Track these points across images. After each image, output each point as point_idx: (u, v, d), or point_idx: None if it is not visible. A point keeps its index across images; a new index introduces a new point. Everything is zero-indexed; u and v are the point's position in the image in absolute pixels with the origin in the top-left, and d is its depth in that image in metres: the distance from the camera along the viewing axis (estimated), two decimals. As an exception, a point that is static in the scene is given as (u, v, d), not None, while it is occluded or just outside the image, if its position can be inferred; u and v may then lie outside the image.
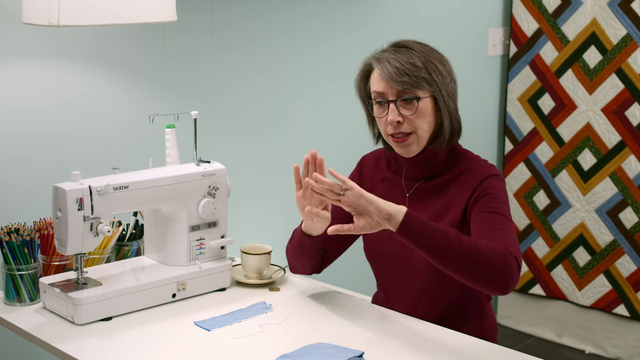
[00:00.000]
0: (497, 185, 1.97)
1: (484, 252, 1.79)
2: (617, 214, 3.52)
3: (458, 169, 2.02)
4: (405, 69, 1.92)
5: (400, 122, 1.95)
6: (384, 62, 1.95)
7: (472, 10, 3.61)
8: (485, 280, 1.81)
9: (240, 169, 2.82)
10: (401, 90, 1.94)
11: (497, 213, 1.91)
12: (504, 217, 1.91)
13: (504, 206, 1.94)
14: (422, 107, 1.95)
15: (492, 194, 1.95)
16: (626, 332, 3.57)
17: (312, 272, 2.14)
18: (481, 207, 1.93)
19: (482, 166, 2.01)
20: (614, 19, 3.43)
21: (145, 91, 2.57)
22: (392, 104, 1.95)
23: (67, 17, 1.95)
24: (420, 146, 1.99)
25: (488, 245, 1.80)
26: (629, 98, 3.43)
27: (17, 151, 2.31)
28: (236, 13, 2.76)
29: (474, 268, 1.79)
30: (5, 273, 2.08)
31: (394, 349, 1.85)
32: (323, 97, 3.08)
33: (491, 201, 1.93)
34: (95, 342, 1.86)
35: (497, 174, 2.00)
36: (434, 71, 1.95)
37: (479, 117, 3.75)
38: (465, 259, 1.79)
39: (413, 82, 1.92)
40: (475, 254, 1.78)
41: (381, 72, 1.95)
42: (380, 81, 1.96)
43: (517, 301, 3.89)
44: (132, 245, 2.27)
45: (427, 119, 1.96)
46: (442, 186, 2.02)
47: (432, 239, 1.78)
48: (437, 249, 1.79)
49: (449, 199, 1.99)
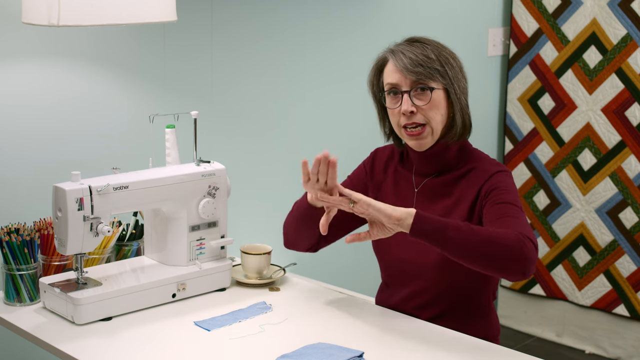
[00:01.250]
0: (506, 180, 1.99)
1: (498, 237, 1.79)
2: (617, 214, 3.52)
3: (467, 166, 2.04)
4: (419, 59, 1.96)
5: (413, 113, 1.97)
6: (399, 54, 1.98)
7: (472, 10, 3.61)
8: (504, 265, 1.79)
9: (241, 168, 2.82)
10: (415, 81, 1.96)
11: (508, 203, 1.92)
12: (515, 207, 1.92)
13: (514, 197, 1.95)
14: (435, 97, 1.97)
15: (500, 187, 1.96)
16: (626, 332, 3.57)
17: (308, 248, 2.13)
18: (492, 201, 1.95)
19: (491, 164, 2.04)
20: (614, 19, 3.43)
21: (145, 91, 2.57)
22: (406, 95, 1.97)
23: (67, 17, 1.95)
24: (434, 139, 2.01)
25: (501, 231, 1.81)
26: (629, 98, 3.43)
27: (17, 151, 2.31)
28: (236, 13, 2.76)
29: (490, 254, 1.79)
30: (5, 273, 2.08)
31: (395, 349, 1.85)
32: (323, 97, 3.08)
33: (501, 194, 1.95)
34: (95, 342, 1.86)
35: (506, 170, 2.02)
36: (447, 64, 1.99)
37: (479, 117, 3.75)
38: (480, 248, 1.79)
39: (427, 73, 1.96)
40: (490, 240, 1.78)
41: (396, 63, 1.98)
42: (394, 72, 1.99)
43: (517, 301, 3.89)
44: (132, 245, 2.27)
45: (440, 110, 1.98)
46: (451, 182, 2.03)
47: (444, 234, 1.79)
48: (452, 243, 1.80)
49: (457, 195, 2.00)
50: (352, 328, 1.96)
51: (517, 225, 1.84)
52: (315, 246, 2.14)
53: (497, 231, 1.81)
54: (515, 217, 1.88)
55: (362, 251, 2.14)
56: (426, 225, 1.80)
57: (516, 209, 1.91)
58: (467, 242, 1.79)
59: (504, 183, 1.98)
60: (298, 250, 2.16)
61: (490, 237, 1.79)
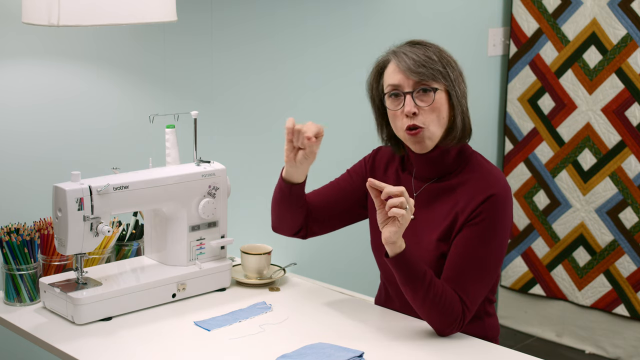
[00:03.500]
0: (496, 209, 1.94)
1: (443, 310, 1.88)
2: (617, 214, 3.52)
3: (465, 174, 2.01)
4: (422, 60, 1.95)
5: (416, 114, 1.96)
6: (401, 55, 1.97)
7: (472, 10, 3.61)
8: (429, 321, 1.92)
9: (241, 168, 2.82)
10: (418, 82, 1.95)
11: (479, 258, 1.93)
12: (483, 264, 1.93)
13: (490, 250, 1.94)
14: (438, 99, 1.96)
15: (485, 223, 1.94)
16: (626, 332, 3.57)
17: (294, 233, 2.13)
18: (469, 236, 1.94)
19: (489, 180, 1.98)
20: (614, 19, 3.43)
21: (145, 91, 2.56)
22: (409, 96, 1.96)
23: (67, 17, 1.95)
24: (433, 142, 1.99)
25: (449, 304, 1.88)
26: (629, 98, 3.43)
27: (17, 151, 2.31)
28: (236, 13, 2.76)
29: (426, 312, 1.90)
30: (5, 273, 2.08)
31: (394, 349, 1.85)
32: (323, 97, 3.08)
33: (480, 240, 1.93)
34: (95, 342, 1.86)
35: (502, 192, 1.96)
36: (449, 66, 1.98)
37: (479, 117, 3.75)
38: (426, 305, 1.88)
39: (429, 74, 1.95)
40: (435, 306, 1.88)
41: (399, 64, 1.97)
42: (396, 74, 1.98)
43: (517, 301, 3.89)
44: (132, 245, 2.27)
45: (442, 112, 1.97)
46: (449, 190, 2.01)
47: (415, 278, 1.87)
48: (413, 288, 1.87)
49: (452, 204, 1.99)
50: (352, 328, 1.96)
51: (468, 292, 1.91)
52: (303, 231, 2.14)
53: (445, 302, 1.87)
54: (473, 281, 1.92)
55: (362, 251, 2.14)
56: (403, 265, 1.86)
57: (483, 267, 1.93)
58: (419, 297, 1.87)
59: (492, 216, 1.94)
60: (285, 234, 2.16)
61: (438, 305, 1.87)
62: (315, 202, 2.14)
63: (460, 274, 1.91)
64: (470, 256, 1.92)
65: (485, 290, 1.95)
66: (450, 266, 1.93)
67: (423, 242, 1.99)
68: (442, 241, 1.97)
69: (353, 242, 3.01)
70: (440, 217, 1.99)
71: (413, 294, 1.88)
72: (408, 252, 1.85)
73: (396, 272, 1.87)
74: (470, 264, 1.92)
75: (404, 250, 1.85)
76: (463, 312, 1.90)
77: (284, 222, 2.13)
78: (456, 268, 1.92)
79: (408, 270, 1.85)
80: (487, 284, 1.95)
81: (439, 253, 1.97)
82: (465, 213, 1.95)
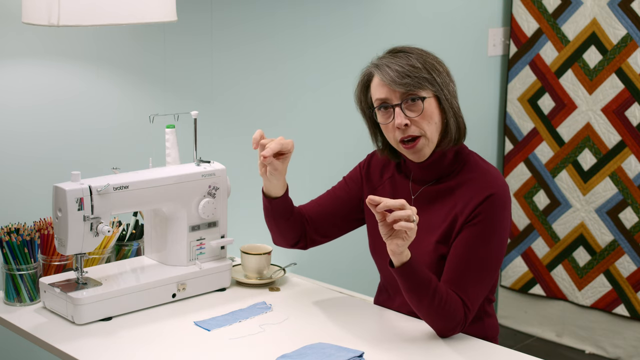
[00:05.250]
0: (494, 209, 1.94)
1: (446, 315, 1.87)
2: (617, 214, 3.52)
3: (463, 175, 2.00)
4: (405, 71, 1.91)
5: (407, 125, 1.93)
6: (384, 68, 1.93)
7: (472, 10, 3.61)
8: (433, 326, 1.91)
9: (241, 168, 2.81)
10: (404, 93, 1.92)
11: (479, 258, 1.92)
12: (483, 264, 1.92)
13: (490, 249, 1.93)
14: (427, 107, 1.93)
15: (485, 222, 1.93)
16: (626, 332, 3.57)
17: (292, 244, 2.14)
18: (469, 237, 1.93)
19: (487, 180, 1.97)
20: (614, 19, 3.43)
21: (145, 91, 2.57)
22: (398, 108, 1.93)
23: (67, 17, 1.95)
24: (431, 148, 1.97)
25: (452, 308, 1.87)
26: (629, 98, 3.43)
27: (17, 151, 2.31)
28: (236, 13, 2.76)
29: (431, 318, 1.90)
30: (5, 273, 2.08)
31: (394, 349, 1.85)
32: (323, 97, 3.08)
33: (480, 240, 1.93)
34: (95, 342, 1.86)
35: (500, 191, 1.95)
36: (434, 71, 1.94)
37: (479, 117, 3.75)
38: (429, 310, 1.88)
39: (415, 83, 1.91)
40: (438, 311, 1.87)
41: (382, 78, 1.93)
42: (382, 87, 1.95)
43: (517, 301, 3.89)
44: (132, 245, 2.27)
45: (434, 119, 1.94)
46: (447, 192, 2.00)
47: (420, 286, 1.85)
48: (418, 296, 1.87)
49: (450, 206, 1.98)
50: (352, 328, 1.96)
51: (469, 293, 1.90)
52: (303, 242, 2.14)
53: (449, 308, 1.86)
54: (474, 282, 1.92)
55: (362, 251, 2.14)
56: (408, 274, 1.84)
57: (483, 267, 1.93)
58: (424, 305, 1.87)
59: (492, 216, 1.93)
60: (285, 246, 2.16)
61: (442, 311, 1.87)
62: (313, 212, 2.14)
63: (461, 275, 1.91)
64: (470, 257, 1.92)
65: (486, 290, 1.95)
66: (451, 268, 1.93)
67: (422, 244, 1.98)
68: (442, 243, 1.97)
69: (353, 242, 3.01)
70: (439, 219, 1.99)
71: (418, 302, 1.87)
72: (414, 261, 1.84)
73: (401, 281, 1.86)
74: (471, 265, 1.92)
75: (409, 259, 1.84)
76: (465, 314, 1.90)
77: (277, 235, 2.14)
78: (456, 270, 1.92)
79: (414, 279, 1.84)
80: (487, 284, 1.95)
81: (439, 255, 1.97)
82: (464, 214, 1.94)
